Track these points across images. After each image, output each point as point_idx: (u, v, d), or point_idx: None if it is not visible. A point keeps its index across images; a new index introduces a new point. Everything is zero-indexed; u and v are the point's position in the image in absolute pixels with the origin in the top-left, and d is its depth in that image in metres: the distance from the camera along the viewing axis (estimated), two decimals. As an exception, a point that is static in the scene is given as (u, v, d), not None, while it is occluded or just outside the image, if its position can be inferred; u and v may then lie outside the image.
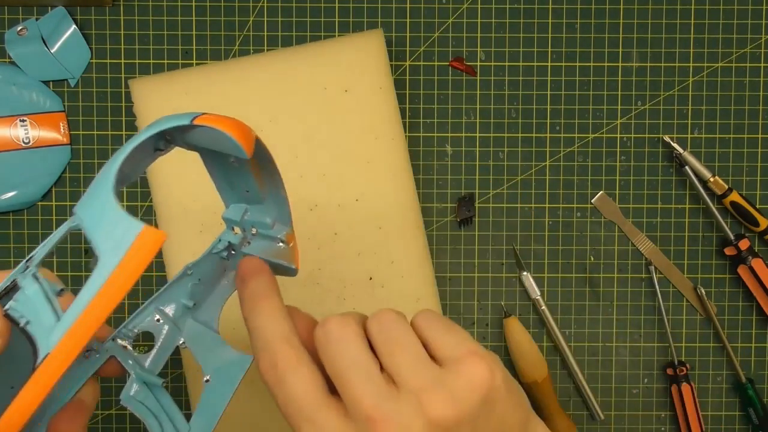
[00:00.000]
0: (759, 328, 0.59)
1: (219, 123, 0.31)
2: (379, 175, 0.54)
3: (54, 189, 0.57)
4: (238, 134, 0.31)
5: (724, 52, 0.58)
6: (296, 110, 0.54)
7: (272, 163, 0.35)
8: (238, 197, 0.37)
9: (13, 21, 0.57)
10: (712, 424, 0.59)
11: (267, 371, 0.33)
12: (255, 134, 0.32)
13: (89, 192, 0.30)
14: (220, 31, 0.57)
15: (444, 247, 0.58)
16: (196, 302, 0.37)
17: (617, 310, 0.59)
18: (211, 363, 0.36)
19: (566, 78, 0.58)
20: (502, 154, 0.58)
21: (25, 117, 0.56)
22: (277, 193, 0.36)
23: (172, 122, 0.31)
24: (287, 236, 0.37)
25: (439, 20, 0.58)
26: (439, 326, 0.33)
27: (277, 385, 0.32)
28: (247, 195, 0.36)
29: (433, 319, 0.34)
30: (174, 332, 0.37)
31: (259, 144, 0.33)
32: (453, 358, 0.32)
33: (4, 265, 0.57)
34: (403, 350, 0.32)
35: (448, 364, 0.32)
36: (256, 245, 0.37)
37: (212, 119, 0.31)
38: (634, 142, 0.58)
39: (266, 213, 0.37)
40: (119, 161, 0.30)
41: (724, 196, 0.57)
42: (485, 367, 0.31)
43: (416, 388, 0.31)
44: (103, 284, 0.28)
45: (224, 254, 0.37)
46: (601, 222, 0.59)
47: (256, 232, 0.37)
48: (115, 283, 0.27)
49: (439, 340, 0.33)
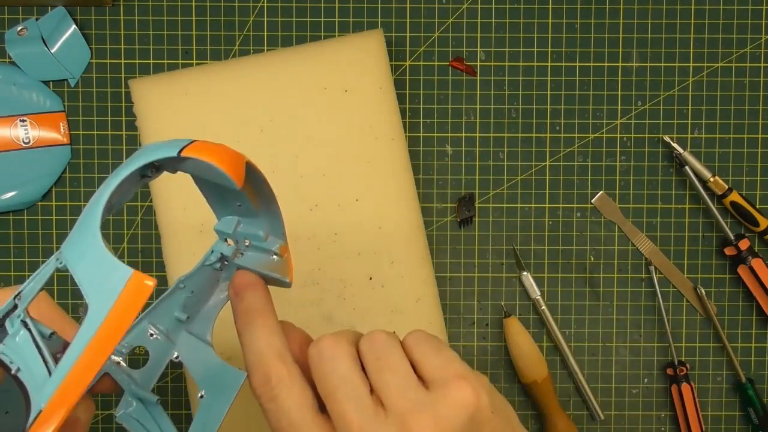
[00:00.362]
0: (759, 328, 0.59)
1: (207, 154, 0.30)
2: (379, 175, 0.54)
3: (54, 189, 0.57)
4: (228, 165, 0.30)
5: (724, 52, 0.58)
6: (296, 110, 0.54)
7: (265, 183, 0.34)
8: (230, 211, 0.36)
9: (13, 21, 0.57)
10: (712, 424, 0.59)
11: (259, 387, 0.33)
12: (245, 159, 0.32)
13: (76, 230, 0.30)
14: (220, 31, 0.57)
15: (444, 247, 0.58)
16: (190, 315, 0.37)
17: (617, 310, 0.59)
18: (205, 378, 0.35)
19: (566, 78, 0.58)
20: (502, 154, 0.58)
21: (25, 117, 0.56)
22: (269, 207, 0.36)
23: (159, 153, 0.30)
24: (281, 248, 0.37)
25: (439, 20, 0.58)
26: (429, 347, 0.34)
27: (269, 402, 0.33)
28: (240, 209, 0.36)
29: (423, 339, 0.35)
30: (168, 346, 0.36)
31: (249, 168, 0.32)
32: (440, 380, 0.33)
33: (4, 265, 0.57)
34: (392, 371, 0.33)
35: (435, 386, 0.33)
36: (249, 257, 0.37)
37: (200, 149, 0.30)
38: (634, 142, 0.58)
39: (259, 226, 0.36)
40: (105, 196, 0.29)
41: (724, 196, 0.57)
42: (470, 390, 0.32)
43: (403, 410, 0.32)
44: (93, 337, 0.27)
45: (217, 266, 0.37)
46: (601, 222, 0.59)
47: (249, 244, 0.37)
48: (105, 335, 0.27)
49: (427, 361, 0.33)
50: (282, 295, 0.57)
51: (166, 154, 0.30)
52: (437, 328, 0.54)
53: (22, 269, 0.57)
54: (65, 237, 0.57)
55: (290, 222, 0.36)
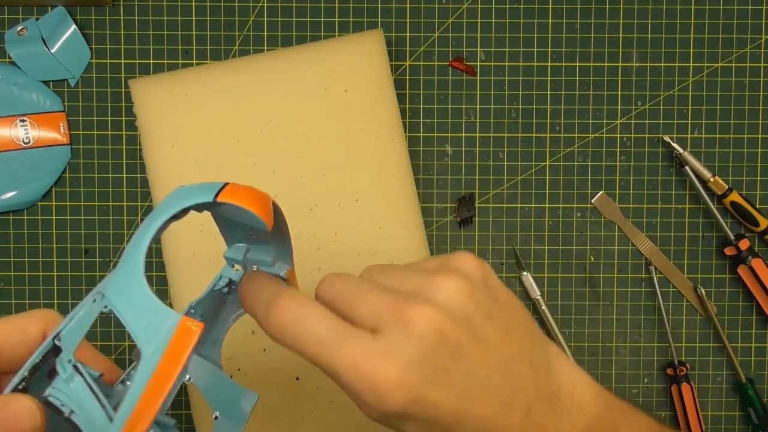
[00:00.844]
0: (759, 328, 0.59)
1: (242, 200, 0.31)
2: (379, 175, 0.54)
3: (54, 189, 0.57)
4: (261, 209, 0.31)
5: (724, 52, 0.58)
6: (296, 110, 0.54)
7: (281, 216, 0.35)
8: (241, 239, 0.37)
9: (13, 21, 0.57)
10: (712, 424, 0.59)
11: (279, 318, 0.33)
12: (271, 199, 0.33)
13: (119, 274, 0.31)
14: (220, 31, 0.57)
15: (444, 247, 0.58)
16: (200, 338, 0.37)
17: (617, 310, 0.59)
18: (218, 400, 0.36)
19: (566, 78, 0.58)
20: (502, 154, 0.58)
21: (25, 117, 0.56)
22: (281, 235, 0.36)
23: (194, 198, 0.31)
24: (288, 273, 0.37)
25: (439, 20, 0.58)
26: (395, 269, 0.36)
27: (297, 327, 0.32)
28: (252, 238, 0.36)
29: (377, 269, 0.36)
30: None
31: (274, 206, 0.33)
32: (440, 262, 0.35)
33: (4, 265, 0.57)
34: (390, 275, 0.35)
35: (436, 270, 0.34)
36: None
37: (234, 194, 0.31)
38: (634, 142, 0.58)
39: (267, 252, 0.37)
40: (146, 242, 0.31)
41: (724, 196, 0.57)
42: (472, 256, 0.35)
43: (419, 284, 0.33)
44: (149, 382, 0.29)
45: (225, 290, 0.37)
46: (601, 222, 0.59)
47: (256, 270, 0.37)
48: (160, 379, 0.29)
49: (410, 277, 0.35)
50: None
51: (202, 200, 0.31)
52: (437, 328, 0.54)
53: (22, 269, 0.57)
54: (65, 237, 0.56)
55: (290, 222, 0.36)
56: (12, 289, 0.57)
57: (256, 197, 0.32)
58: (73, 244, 0.57)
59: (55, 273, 0.57)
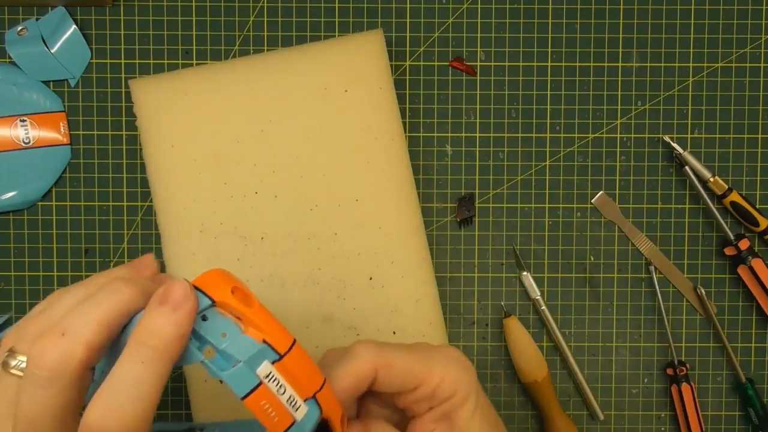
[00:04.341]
0: (759, 328, 0.59)
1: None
2: (379, 175, 0.54)
3: (54, 189, 0.57)
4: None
5: (724, 52, 0.58)
6: (296, 110, 0.54)
7: None
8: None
9: (13, 21, 0.57)
10: (712, 424, 0.59)
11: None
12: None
13: None
14: (220, 31, 0.57)
15: (444, 247, 0.58)
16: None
17: (617, 310, 0.59)
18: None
19: (566, 78, 0.58)
20: (502, 154, 0.58)
21: (25, 117, 0.56)
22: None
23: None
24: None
25: (439, 20, 0.58)
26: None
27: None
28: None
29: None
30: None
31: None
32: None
33: (4, 265, 0.57)
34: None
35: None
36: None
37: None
38: (634, 142, 0.58)
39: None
40: None
41: (724, 196, 0.57)
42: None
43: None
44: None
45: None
46: (601, 222, 0.59)
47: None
48: None
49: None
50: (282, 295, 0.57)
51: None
52: (437, 328, 0.54)
53: (22, 269, 0.57)
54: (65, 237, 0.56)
55: (290, 222, 0.36)
56: (12, 289, 0.57)
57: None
58: (73, 244, 0.57)
59: (55, 273, 0.57)
